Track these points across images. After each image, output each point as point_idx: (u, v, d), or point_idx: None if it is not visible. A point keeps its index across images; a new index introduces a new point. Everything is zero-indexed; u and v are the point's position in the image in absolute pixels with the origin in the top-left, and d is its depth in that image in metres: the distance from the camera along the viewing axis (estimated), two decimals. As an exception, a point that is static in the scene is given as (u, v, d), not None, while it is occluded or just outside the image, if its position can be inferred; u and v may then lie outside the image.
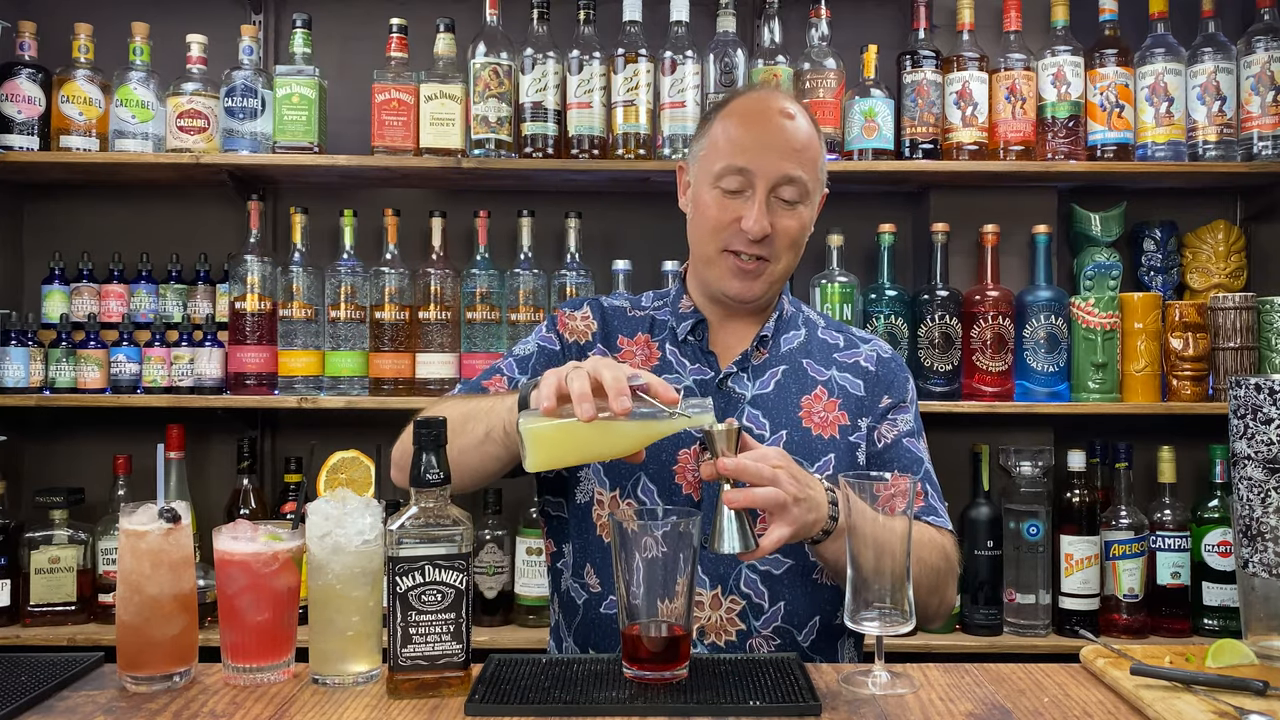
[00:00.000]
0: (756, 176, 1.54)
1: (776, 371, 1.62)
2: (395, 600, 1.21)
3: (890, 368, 1.67)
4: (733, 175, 1.54)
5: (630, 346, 1.65)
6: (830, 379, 1.63)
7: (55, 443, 2.76)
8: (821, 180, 1.63)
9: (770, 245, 1.55)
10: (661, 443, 1.50)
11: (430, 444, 1.25)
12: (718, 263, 1.58)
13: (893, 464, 1.59)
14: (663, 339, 1.65)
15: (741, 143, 1.55)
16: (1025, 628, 2.47)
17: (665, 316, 1.67)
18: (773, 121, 1.56)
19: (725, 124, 1.58)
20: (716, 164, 1.56)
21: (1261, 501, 1.30)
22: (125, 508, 1.30)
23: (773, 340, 1.64)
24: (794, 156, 1.55)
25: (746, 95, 1.64)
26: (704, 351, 1.63)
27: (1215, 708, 1.15)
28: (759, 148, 1.54)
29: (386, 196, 2.74)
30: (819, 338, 1.68)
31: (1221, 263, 2.69)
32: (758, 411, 1.58)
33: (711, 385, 1.60)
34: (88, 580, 2.48)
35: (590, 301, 1.72)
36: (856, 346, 1.68)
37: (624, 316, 1.69)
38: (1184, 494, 2.60)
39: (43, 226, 2.80)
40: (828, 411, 1.60)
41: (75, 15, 2.63)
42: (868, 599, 1.26)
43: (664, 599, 1.22)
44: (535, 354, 1.67)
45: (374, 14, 2.77)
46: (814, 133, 1.61)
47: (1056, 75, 2.57)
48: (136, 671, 1.26)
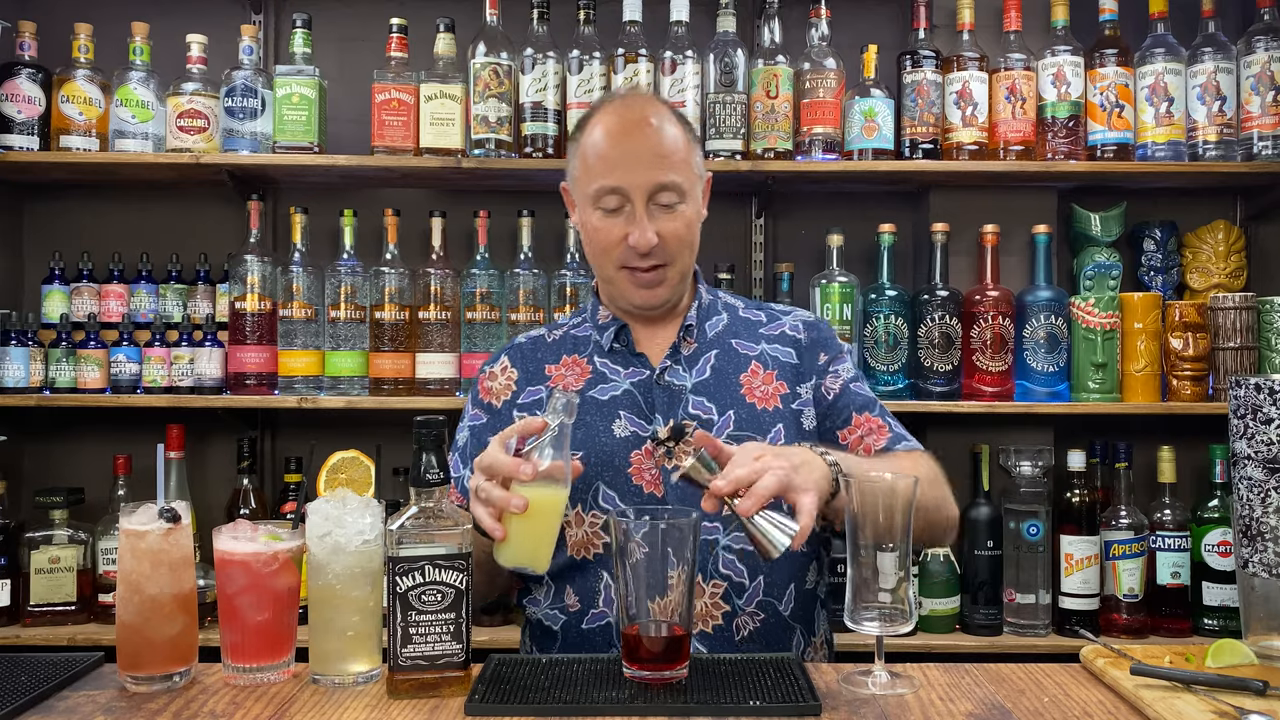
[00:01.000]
0: (630, 191, 1.54)
1: (710, 356, 1.65)
2: (395, 600, 1.21)
3: (818, 329, 1.72)
4: (608, 195, 1.56)
5: (559, 370, 1.67)
6: (761, 353, 1.66)
7: (55, 443, 2.76)
8: (699, 172, 1.63)
9: (662, 251, 1.57)
10: (613, 449, 1.56)
11: (430, 444, 1.25)
12: (617, 280, 1.61)
13: (848, 409, 1.64)
14: (589, 353, 1.67)
15: (609, 160, 1.56)
16: (1025, 628, 2.47)
17: (586, 332, 1.70)
18: (635, 133, 1.56)
19: (590, 143, 1.59)
20: (591, 186, 1.57)
21: (1261, 501, 1.30)
22: (125, 508, 1.30)
23: (698, 328, 1.67)
24: (662, 163, 1.55)
25: (605, 110, 1.62)
26: (633, 354, 1.65)
27: (1215, 708, 1.15)
28: (627, 162, 1.55)
29: (386, 196, 2.74)
30: (741, 318, 1.72)
31: (1221, 263, 2.69)
32: (701, 398, 1.60)
33: (650, 383, 1.61)
34: (88, 580, 2.48)
35: (507, 350, 1.74)
36: (779, 319, 1.72)
37: (544, 346, 1.71)
38: (1184, 494, 2.60)
39: (43, 226, 2.81)
40: (766, 385, 1.63)
41: (75, 15, 2.63)
42: (869, 585, 1.25)
43: (658, 598, 1.23)
44: (469, 441, 1.68)
45: (374, 14, 2.77)
46: (680, 130, 1.60)
47: (1056, 75, 2.57)
48: (136, 671, 1.26)
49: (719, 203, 2.80)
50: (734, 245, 2.81)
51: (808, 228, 2.78)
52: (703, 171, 1.65)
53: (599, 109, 1.63)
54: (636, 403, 1.60)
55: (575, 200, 1.66)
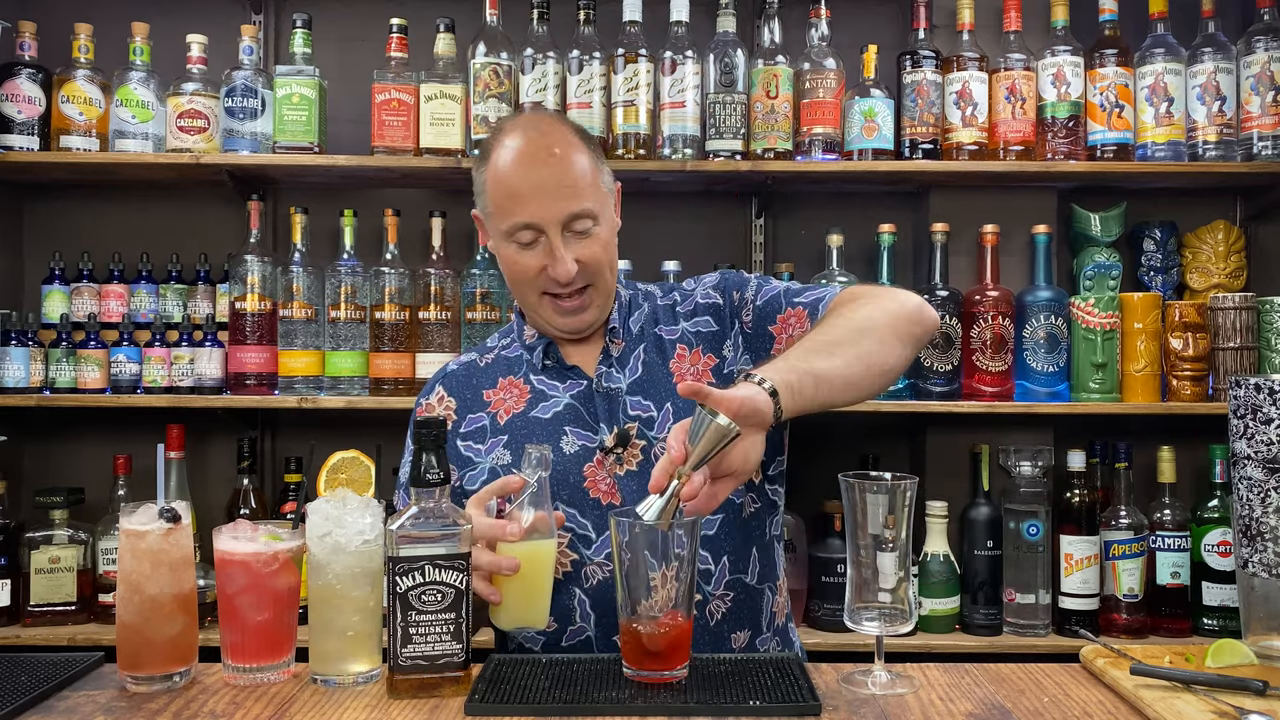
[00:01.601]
0: (543, 224, 1.52)
1: (639, 352, 1.63)
2: (395, 600, 1.21)
3: (721, 285, 1.67)
4: (520, 230, 1.53)
5: (496, 394, 1.64)
6: (682, 332, 1.64)
7: (55, 443, 2.76)
8: (607, 188, 1.60)
9: (582, 275, 1.55)
10: (566, 465, 1.54)
11: (430, 444, 1.25)
12: (541, 307, 1.59)
13: (764, 323, 1.60)
14: (524, 373, 1.65)
15: (518, 196, 1.53)
16: (1025, 628, 2.47)
17: (517, 352, 1.68)
18: (541, 169, 1.53)
19: (496, 179, 1.55)
20: (503, 223, 1.55)
21: (1261, 501, 1.30)
22: (125, 508, 1.30)
23: (622, 327, 1.65)
24: (569, 192, 1.52)
25: (507, 140, 1.56)
26: (566, 368, 1.63)
27: (1215, 708, 1.15)
28: (535, 197, 1.52)
29: (386, 196, 2.74)
30: (660, 304, 1.69)
31: (1221, 263, 2.69)
32: (637, 396, 1.59)
33: (589, 393, 1.60)
34: (88, 580, 2.48)
35: (439, 379, 1.71)
36: (690, 294, 1.69)
37: (477, 371, 1.68)
38: (1184, 494, 2.60)
39: (43, 226, 2.81)
40: (695, 364, 1.61)
41: (75, 15, 2.63)
42: (868, 585, 1.26)
43: (661, 597, 1.23)
44: None
45: (374, 14, 2.77)
46: (585, 151, 1.57)
47: (1056, 75, 2.57)
48: (136, 671, 1.26)
49: (719, 203, 2.83)
50: (734, 245, 2.81)
51: (808, 228, 2.78)
52: (611, 185, 1.63)
53: (500, 138, 1.58)
54: (580, 415, 1.58)
55: (488, 230, 1.62)
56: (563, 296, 1.56)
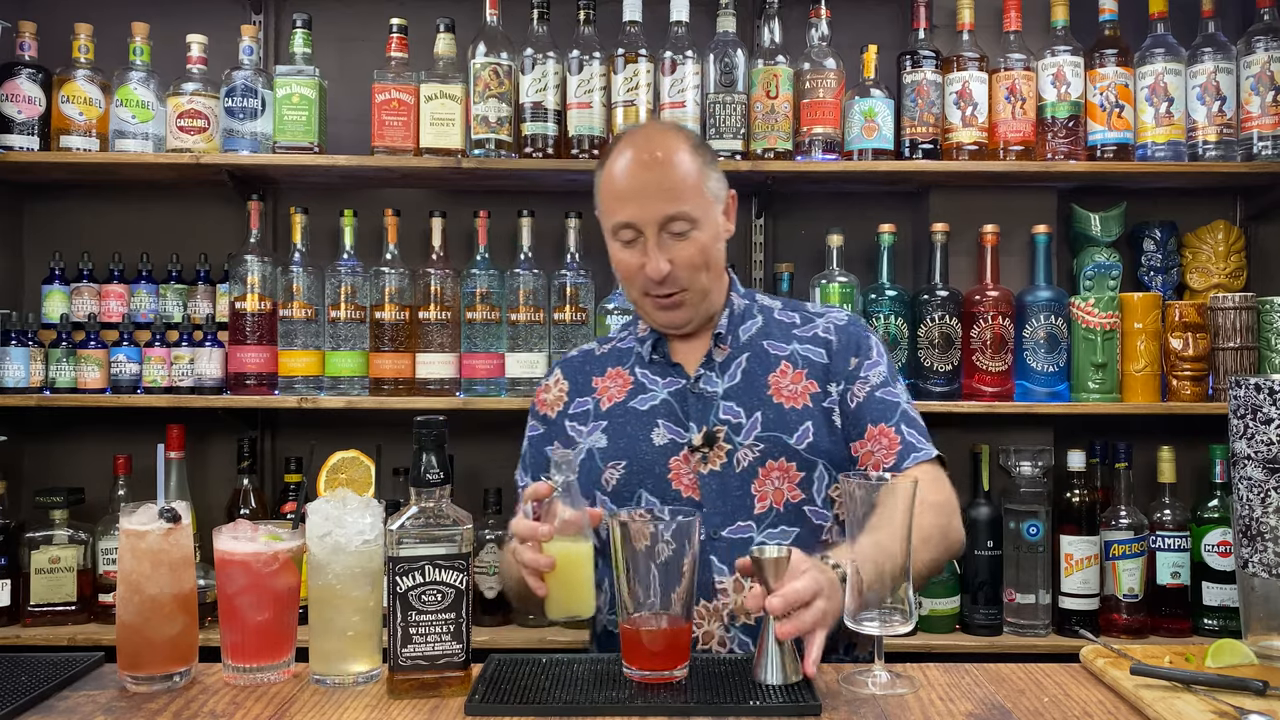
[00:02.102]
0: (641, 225, 1.62)
1: (741, 361, 1.71)
2: (395, 600, 1.21)
3: (849, 331, 1.74)
4: (623, 229, 1.64)
5: (604, 382, 1.77)
6: (792, 352, 1.72)
7: (55, 443, 2.76)
8: (714, 196, 1.68)
9: (675, 279, 1.63)
10: (653, 456, 1.66)
11: (430, 444, 1.25)
12: (642, 304, 1.70)
13: (866, 419, 1.66)
14: (631, 365, 1.76)
15: (622, 197, 1.64)
16: (1025, 628, 2.47)
17: (630, 344, 1.79)
18: (643, 172, 1.63)
19: (606, 180, 1.68)
20: (608, 221, 1.67)
21: (1261, 501, 1.30)
22: (125, 508, 1.30)
23: (730, 334, 1.72)
24: (669, 195, 1.61)
25: (621, 146, 1.69)
26: (670, 365, 1.73)
27: (1215, 708, 1.15)
28: (637, 199, 1.62)
29: (386, 196, 2.74)
30: (775, 319, 1.77)
31: (1221, 263, 2.69)
32: (730, 402, 1.67)
33: (685, 392, 1.68)
34: (88, 580, 2.48)
35: (560, 364, 1.85)
36: (813, 320, 1.76)
37: (592, 359, 1.82)
38: (1184, 494, 2.60)
39: (43, 226, 2.81)
40: (795, 383, 1.68)
41: (75, 15, 2.63)
42: (868, 600, 1.26)
43: (673, 597, 1.23)
44: (528, 450, 1.81)
45: (374, 14, 2.77)
46: (692, 158, 1.65)
47: (1056, 75, 2.57)
48: (136, 671, 1.26)
49: (719, 203, 2.83)
50: (734, 245, 2.77)
51: (808, 228, 2.78)
52: (721, 193, 1.70)
53: (616, 145, 1.71)
54: (674, 411, 1.68)
55: (604, 229, 1.72)
56: (658, 296, 1.65)
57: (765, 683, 1.24)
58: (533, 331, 2.53)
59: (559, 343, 2.54)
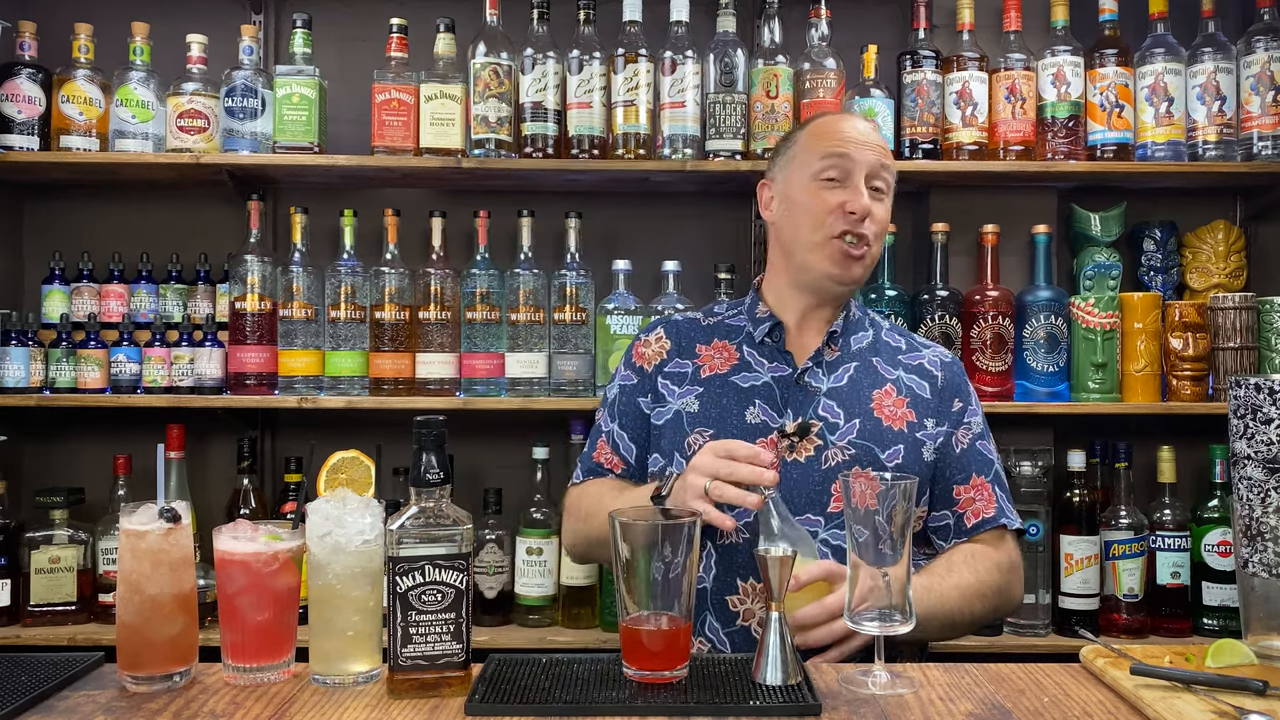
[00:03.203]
0: (855, 162, 1.69)
1: (849, 367, 1.74)
2: (395, 600, 1.21)
3: (954, 371, 1.79)
4: (834, 163, 1.69)
5: (708, 352, 1.79)
6: (898, 378, 1.75)
7: (55, 443, 2.76)
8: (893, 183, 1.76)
9: (869, 225, 1.69)
10: (741, 432, 1.67)
11: (430, 444, 1.25)
12: (822, 249, 1.70)
13: (971, 468, 1.72)
14: (739, 342, 1.79)
15: (839, 135, 1.71)
16: (1025, 627, 2.47)
17: (740, 322, 1.81)
18: (860, 124, 1.75)
19: (818, 128, 1.75)
20: (816, 157, 1.71)
21: (1261, 501, 1.30)
22: (125, 508, 1.30)
23: (843, 338, 1.76)
24: (882, 151, 1.72)
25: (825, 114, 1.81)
26: (781, 351, 1.76)
27: (1215, 708, 1.15)
28: (855, 140, 1.71)
29: (386, 196, 2.74)
30: (884, 339, 1.81)
31: (1221, 263, 2.69)
32: (832, 402, 1.70)
33: (789, 381, 1.72)
34: (88, 580, 2.48)
35: (663, 323, 1.87)
36: (919, 351, 1.80)
37: (697, 327, 1.84)
38: (1184, 494, 2.60)
39: (43, 226, 2.81)
40: (896, 407, 1.71)
41: (75, 15, 2.63)
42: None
43: (673, 597, 1.23)
44: (618, 396, 1.82)
45: (374, 14, 2.77)
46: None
47: (1056, 75, 2.57)
48: (136, 671, 1.26)
49: (719, 203, 2.83)
50: (734, 245, 2.81)
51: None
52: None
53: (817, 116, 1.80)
54: (773, 396, 1.71)
55: (782, 184, 1.76)
56: (849, 240, 1.68)
57: (765, 683, 1.24)
58: (533, 331, 2.53)
59: (559, 343, 2.54)
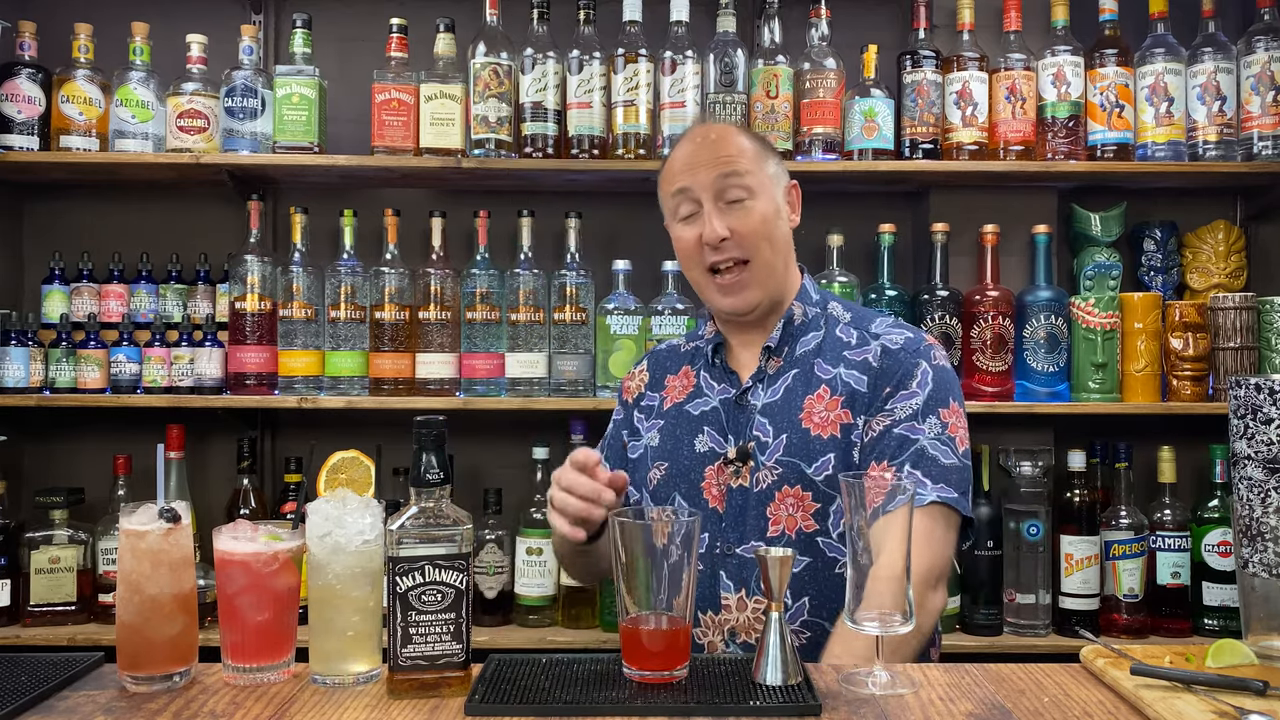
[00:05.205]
0: (697, 190, 1.63)
1: (788, 377, 1.66)
2: (395, 600, 1.21)
3: (896, 358, 1.62)
4: (680, 200, 1.65)
5: (674, 381, 1.77)
6: (835, 377, 1.63)
7: (55, 443, 2.76)
8: (774, 174, 1.67)
9: (735, 246, 1.61)
10: (691, 462, 1.66)
11: (430, 444, 1.25)
12: (706, 286, 1.67)
13: (872, 457, 1.57)
14: (699, 367, 1.75)
15: (677, 168, 1.67)
16: (1025, 628, 2.47)
17: (704, 344, 1.77)
18: (700, 143, 1.66)
19: (666, 166, 1.71)
20: (669, 198, 1.68)
21: (1261, 501, 1.30)
22: (125, 508, 1.30)
23: (788, 346, 1.68)
24: (724, 161, 1.63)
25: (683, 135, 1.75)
26: (727, 371, 1.71)
27: (1215, 708, 1.15)
28: (692, 167, 1.64)
29: (386, 196, 2.74)
30: (834, 335, 1.68)
31: (1221, 263, 2.69)
32: (765, 419, 1.63)
33: (732, 402, 1.67)
34: (88, 580, 2.48)
35: (649, 355, 1.86)
36: (868, 344, 1.65)
37: (675, 355, 1.82)
38: (1184, 494, 2.60)
39: (43, 226, 2.81)
40: (829, 411, 1.60)
41: (75, 15, 2.63)
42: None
43: (673, 597, 1.23)
44: (610, 430, 1.85)
45: (374, 14, 2.76)
46: (745, 137, 1.68)
47: (1056, 75, 2.57)
48: (136, 671, 1.26)
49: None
50: (734, 245, 2.81)
51: (807, 228, 2.71)
52: (781, 177, 1.70)
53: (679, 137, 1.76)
54: (719, 420, 1.67)
55: (667, 221, 1.72)
56: (721, 272, 1.63)
57: (765, 683, 1.24)
58: (533, 331, 2.53)
59: (559, 343, 2.54)
